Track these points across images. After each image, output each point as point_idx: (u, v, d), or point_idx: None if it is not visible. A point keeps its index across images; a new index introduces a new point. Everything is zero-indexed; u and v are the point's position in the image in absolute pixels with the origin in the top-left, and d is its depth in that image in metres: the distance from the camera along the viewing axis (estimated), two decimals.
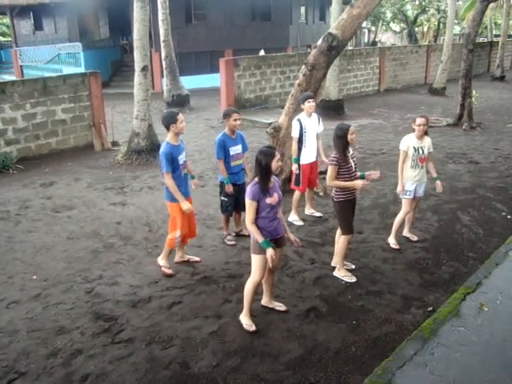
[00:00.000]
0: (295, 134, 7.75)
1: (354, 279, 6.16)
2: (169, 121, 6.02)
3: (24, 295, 5.91)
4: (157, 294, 5.89)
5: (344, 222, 6.13)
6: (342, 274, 6.24)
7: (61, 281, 6.23)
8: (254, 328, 5.16)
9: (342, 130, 5.87)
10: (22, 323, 5.35)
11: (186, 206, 6.04)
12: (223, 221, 7.35)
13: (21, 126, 11.72)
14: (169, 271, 6.34)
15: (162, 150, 6.03)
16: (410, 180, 6.84)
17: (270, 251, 4.85)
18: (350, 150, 6.04)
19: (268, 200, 4.87)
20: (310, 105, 7.71)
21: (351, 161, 5.97)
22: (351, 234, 6.18)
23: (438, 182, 7.01)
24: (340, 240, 6.21)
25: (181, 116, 6.05)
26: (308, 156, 7.84)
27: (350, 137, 5.85)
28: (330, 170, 5.89)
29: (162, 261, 6.44)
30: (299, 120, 7.75)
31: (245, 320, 5.23)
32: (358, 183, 5.89)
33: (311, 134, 7.80)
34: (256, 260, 5.04)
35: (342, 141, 5.84)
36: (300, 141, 7.76)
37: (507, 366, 4.65)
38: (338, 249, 6.24)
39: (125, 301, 5.75)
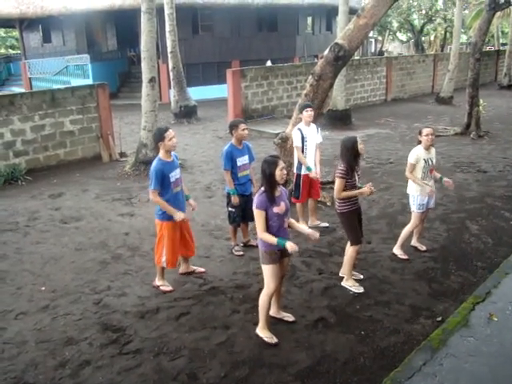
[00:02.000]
0: (297, 143, 7.74)
1: (361, 289, 6.13)
2: (157, 138, 5.93)
3: (32, 306, 5.92)
4: (165, 304, 5.89)
5: (350, 233, 6.11)
6: (350, 284, 6.22)
7: (69, 292, 6.24)
8: (275, 340, 5.11)
9: (350, 143, 5.84)
10: (31, 334, 5.36)
11: (178, 215, 5.88)
12: (231, 231, 7.36)
13: (29, 137, 11.80)
14: (167, 288, 6.24)
15: (152, 166, 5.90)
16: (421, 193, 6.78)
17: (289, 245, 4.78)
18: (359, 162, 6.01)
19: (275, 209, 4.87)
20: (308, 114, 7.70)
21: (356, 174, 5.96)
22: (359, 244, 6.16)
23: (446, 179, 6.89)
24: (348, 251, 6.19)
25: (170, 133, 5.87)
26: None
27: (359, 147, 5.84)
28: (338, 183, 5.86)
29: (158, 282, 6.33)
30: (300, 129, 7.76)
31: (263, 333, 5.19)
32: (366, 190, 5.89)
33: (311, 143, 7.80)
34: (267, 270, 5.02)
35: (351, 152, 5.83)
36: (301, 151, 7.76)
37: None
38: (346, 259, 6.22)
39: (133, 312, 5.75)
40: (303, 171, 7.82)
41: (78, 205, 9.51)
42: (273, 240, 4.85)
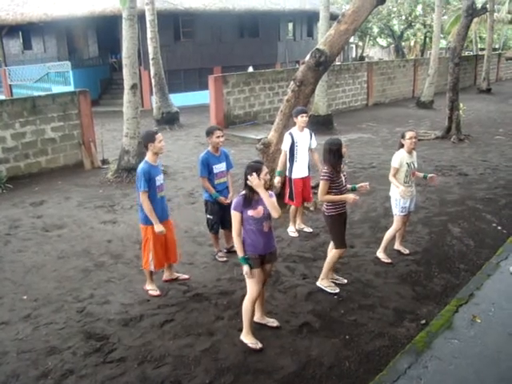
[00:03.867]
0: (285, 147, 7.76)
1: (337, 290, 6.17)
2: (147, 140, 5.98)
3: (14, 316, 5.84)
4: (148, 312, 5.85)
5: (336, 236, 6.13)
6: (326, 284, 6.25)
7: (51, 300, 6.17)
8: (260, 346, 5.10)
9: (335, 145, 5.88)
10: (12, 344, 5.28)
11: (159, 228, 5.95)
12: (212, 238, 7.35)
13: (10, 145, 11.66)
14: (155, 293, 6.25)
15: (139, 168, 5.96)
16: (405, 196, 6.83)
17: (245, 268, 4.92)
18: (342, 165, 6.05)
19: (250, 212, 4.87)
20: (303, 119, 7.72)
21: (342, 175, 5.99)
22: (344, 247, 6.18)
23: (431, 175, 6.94)
24: (332, 253, 6.21)
25: (159, 135, 6.00)
26: (300, 171, 7.85)
27: (343, 150, 5.89)
28: (322, 185, 5.88)
29: (147, 286, 6.35)
30: (291, 134, 7.77)
31: (248, 339, 5.17)
32: (350, 197, 5.90)
33: (303, 148, 7.82)
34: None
35: (334, 155, 5.86)
36: (292, 155, 7.77)
37: (502, 377, 4.65)
38: (328, 260, 6.23)
39: (116, 319, 5.71)
40: (295, 175, 7.83)
41: (60, 212, 9.41)
42: (239, 250, 4.97)
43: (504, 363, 4.83)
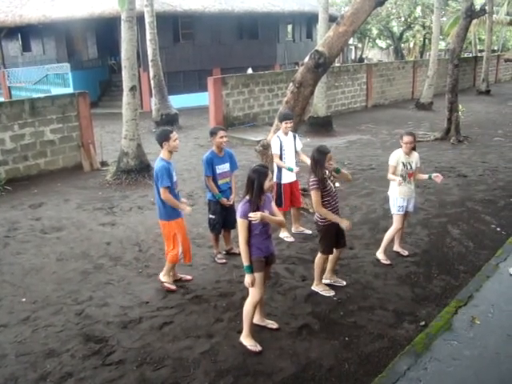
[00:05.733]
0: (275, 150, 7.74)
1: (332, 293, 6.17)
2: (162, 138, 6.08)
3: (13, 318, 5.83)
4: (147, 314, 5.84)
5: (324, 243, 6.11)
6: (321, 288, 6.25)
7: (50, 303, 6.16)
8: (259, 348, 5.09)
9: (321, 154, 5.76)
10: (11, 347, 5.27)
11: (187, 209, 6.19)
12: (212, 239, 7.34)
13: (9, 147, 11.66)
14: (172, 287, 6.35)
15: (158, 165, 6.06)
16: (402, 195, 6.85)
17: (248, 278, 4.90)
18: (326, 171, 5.88)
19: None
20: (286, 126, 7.71)
21: (330, 182, 5.93)
22: (329, 255, 6.20)
23: (435, 174, 6.90)
24: (317, 258, 6.22)
25: (174, 134, 6.12)
26: (288, 175, 7.83)
27: (326, 164, 5.75)
28: (314, 195, 5.80)
29: (164, 277, 6.44)
30: (279, 137, 7.77)
31: (247, 341, 5.16)
32: (345, 223, 5.89)
33: (289, 152, 7.81)
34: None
35: (318, 165, 5.76)
36: (280, 159, 7.75)
37: (501, 378, 4.65)
38: (315, 265, 6.24)
39: (115, 322, 5.70)
40: (283, 180, 7.82)
41: (58, 215, 9.40)
42: (245, 259, 4.91)
43: (503, 365, 4.82)
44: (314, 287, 6.29)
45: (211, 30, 26.11)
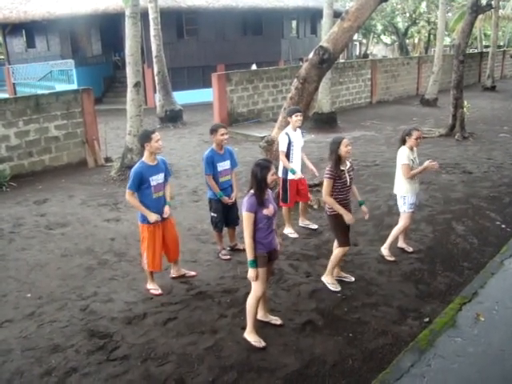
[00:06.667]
0: (283, 147, 7.71)
1: (338, 288, 6.17)
2: (143, 140, 5.94)
3: (18, 313, 5.86)
4: (152, 310, 5.86)
5: (339, 235, 6.12)
6: (329, 281, 6.26)
7: (55, 298, 6.19)
8: (263, 344, 5.10)
9: (335, 144, 5.87)
10: (16, 342, 5.30)
11: (152, 217, 5.89)
12: (216, 236, 7.33)
13: (14, 143, 11.69)
14: (157, 292, 6.23)
15: (133, 168, 5.94)
16: (412, 192, 6.82)
17: (252, 272, 4.90)
18: (348, 163, 6.03)
19: (265, 211, 4.87)
20: (297, 119, 7.69)
21: (347, 175, 5.95)
22: (347, 246, 6.17)
23: (428, 162, 6.82)
24: (335, 251, 6.20)
25: (156, 135, 5.91)
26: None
27: (343, 149, 5.84)
28: (326, 184, 5.87)
29: (148, 285, 6.34)
30: (287, 134, 7.74)
31: (251, 337, 5.17)
32: (350, 217, 5.92)
33: (297, 148, 7.80)
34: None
35: (334, 154, 5.85)
36: (287, 155, 7.73)
37: (505, 376, 4.64)
38: (332, 257, 6.23)
39: (120, 317, 5.71)
40: (290, 176, 7.81)
41: (63, 211, 9.43)
42: (250, 254, 4.90)
43: (508, 362, 4.81)
44: (324, 278, 6.30)
45: (215, 26, 26.08)
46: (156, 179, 5.98)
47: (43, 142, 12.27)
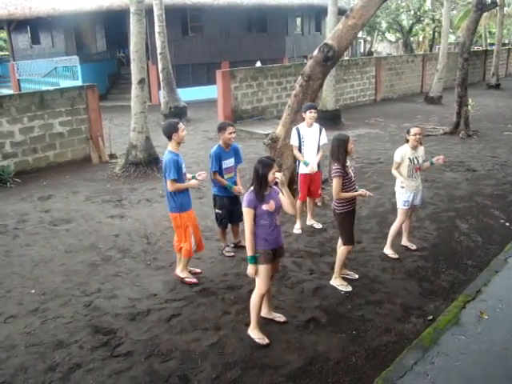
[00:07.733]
0: (293, 141, 7.79)
1: (349, 288, 6.15)
2: (170, 130, 6.06)
3: (22, 309, 5.88)
4: (156, 306, 5.87)
5: (345, 233, 6.11)
6: (338, 283, 6.23)
7: (59, 294, 6.20)
8: (266, 341, 5.10)
9: (341, 141, 5.87)
10: (20, 338, 5.32)
11: (194, 182, 6.31)
12: (220, 233, 7.36)
13: (18, 139, 11.72)
14: (193, 280, 6.38)
15: (167, 157, 6.06)
16: (408, 190, 6.83)
17: (251, 268, 4.93)
18: (348, 161, 6.04)
19: (264, 206, 4.87)
20: (311, 115, 7.72)
21: (350, 171, 5.98)
22: (352, 244, 6.17)
23: (436, 158, 6.88)
24: (340, 250, 6.20)
25: (181, 124, 6.12)
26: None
27: (349, 147, 5.87)
28: (336, 183, 5.85)
29: (182, 273, 6.44)
30: (298, 129, 7.78)
31: (255, 334, 5.17)
32: (363, 191, 5.98)
33: (310, 144, 7.80)
34: (259, 270, 5.01)
35: (341, 151, 5.84)
36: (299, 150, 7.78)
37: (509, 374, 4.64)
38: (337, 258, 6.22)
39: (123, 314, 5.73)
40: (301, 171, 7.84)
41: (67, 207, 9.45)
42: (250, 249, 4.94)
43: (511, 360, 4.81)
44: (332, 281, 6.27)
45: (220, 23, 26.07)
46: (184, 167, 6.26)
47: (48, 138, 12.28)
